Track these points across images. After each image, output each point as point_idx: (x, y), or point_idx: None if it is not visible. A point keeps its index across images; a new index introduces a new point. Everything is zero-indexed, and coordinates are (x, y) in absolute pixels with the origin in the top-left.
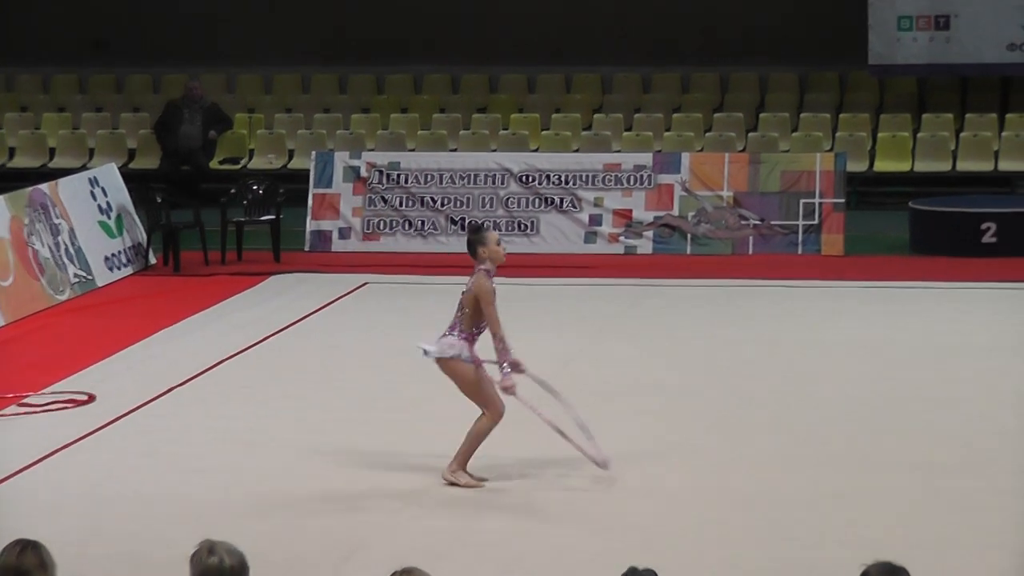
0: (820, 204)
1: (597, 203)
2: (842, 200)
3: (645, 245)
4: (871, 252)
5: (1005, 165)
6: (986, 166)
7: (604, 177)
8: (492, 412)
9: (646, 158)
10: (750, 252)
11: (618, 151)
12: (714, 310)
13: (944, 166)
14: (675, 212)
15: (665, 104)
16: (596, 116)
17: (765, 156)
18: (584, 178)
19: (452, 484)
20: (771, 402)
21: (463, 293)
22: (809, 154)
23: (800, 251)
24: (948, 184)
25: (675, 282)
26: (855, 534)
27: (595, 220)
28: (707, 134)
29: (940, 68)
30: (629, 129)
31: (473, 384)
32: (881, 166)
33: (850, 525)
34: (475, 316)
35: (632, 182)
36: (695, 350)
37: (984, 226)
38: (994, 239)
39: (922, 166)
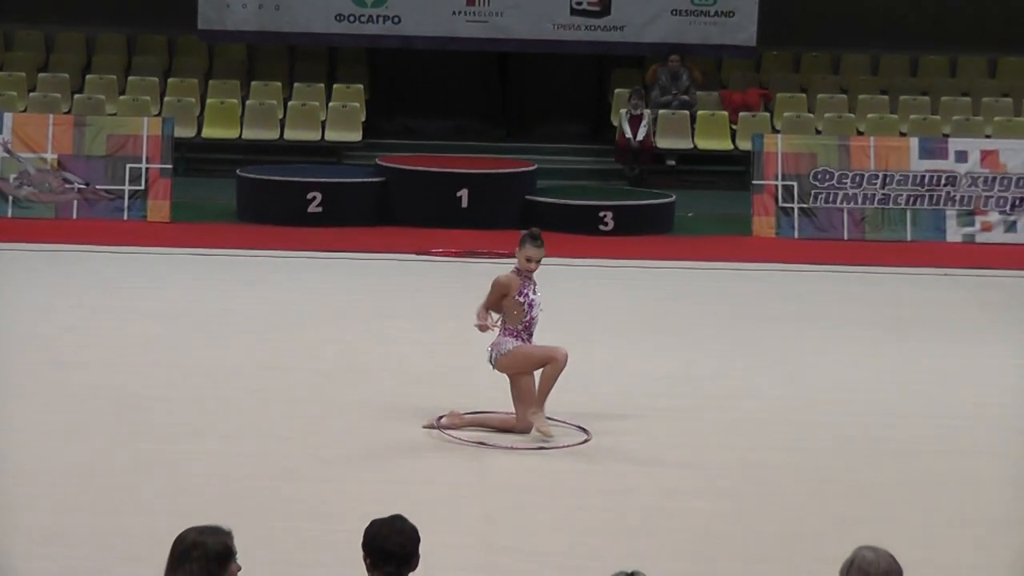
0: (147, 169)
1: None
2: (169, 166)
3: None
4: (198, 219)
5: (332, 135)
6: (313, 135)
7: None
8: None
9: None
10: (74, 217)
11: None
12: (32, 275)
13: (272, 134)
14: None
15: None
16: None
17: (91, 119)
18: None
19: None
20: (78, 367)
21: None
22: (136, 118)
23: (126, 216)
24: (276, 152)
25: None
26: (172, 503)
27: None
28: (31, 94)
29: (269, 36)
30: None
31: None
32: (209, 132)
33: (165, 495)
34: (511, 310)
35: None
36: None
37: (310, 195)
38: (320, 208)
39: (250, 134)
